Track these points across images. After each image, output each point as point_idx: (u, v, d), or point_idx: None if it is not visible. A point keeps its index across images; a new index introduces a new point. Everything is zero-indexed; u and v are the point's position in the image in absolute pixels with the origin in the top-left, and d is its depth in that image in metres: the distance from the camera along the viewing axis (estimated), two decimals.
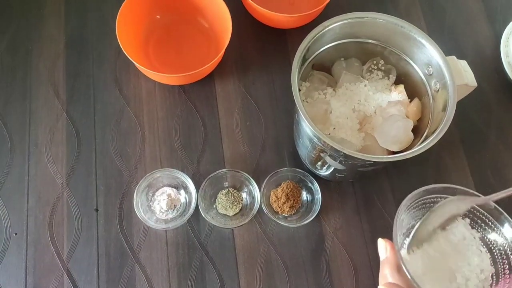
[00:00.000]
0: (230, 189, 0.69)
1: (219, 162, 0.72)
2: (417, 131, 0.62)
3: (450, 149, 0.74)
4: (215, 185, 0.69)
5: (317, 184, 0.67)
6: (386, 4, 0.83)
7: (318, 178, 0.68)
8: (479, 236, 0.57)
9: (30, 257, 0.66)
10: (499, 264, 0.56)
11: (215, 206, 0.69)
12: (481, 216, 0.56)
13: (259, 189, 0.67)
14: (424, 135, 0.59)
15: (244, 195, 0.69)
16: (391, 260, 0.51)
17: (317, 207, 0.67)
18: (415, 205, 0.56)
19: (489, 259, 0.56)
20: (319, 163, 0.63)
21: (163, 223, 0.67)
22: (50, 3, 0.80)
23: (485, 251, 0.57)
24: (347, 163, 0.57)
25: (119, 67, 0.77)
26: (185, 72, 0.68)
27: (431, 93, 0.61)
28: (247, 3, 0.75)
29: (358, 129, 0.62)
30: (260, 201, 0.66)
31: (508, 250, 0.55)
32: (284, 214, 0.68)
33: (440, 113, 0.57)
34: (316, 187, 0.67)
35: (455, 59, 0.59)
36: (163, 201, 0.68)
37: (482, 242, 0.57)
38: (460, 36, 0.82)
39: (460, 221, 0.57)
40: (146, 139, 0.73)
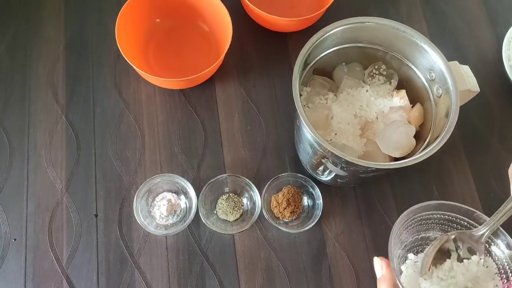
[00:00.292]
0: (230, 194, 0.69)
1: (219, 167, 0.71)
2: (419, 136, 0.61)
3: (452, 153, 0.74)
4: (215, 190, 0.68)
5: (318, 189, 0.67)
6: (387, 7, 0.83)
7: (319, 183, 0.68)
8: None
9: (29, 263, 0.65)
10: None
11: (215, 212, 0.68)
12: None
13: (260, 194, 0.66)
14: (426, 141, 0.58)
15: (244, 200, 0.69)
16: (387, 278, 0.51)
17: (318, 212, 0.66)
18: (410, 222, 0.55)
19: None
20: (320, 168, 0.63)
21: (163, 228, 0.66)
22: (50, 5, 0.80)
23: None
24: (349, 169, 0.57)
25: (118, 71, 0.76)
26: (185, 76, 0.68)
27: (433, 99, 0.60)
28: (247, 6, 0.74)
29: (359, 135, 0.62)
30: (261, 207, 0.66)
31: (506, 265, 0.54)
32: (285, 220, 0.68)
33: (443, 119, 0.56)
34: (317, 192, 0.67)
35: (457, 64, 0.58)
36: (163, 207, 0.67)
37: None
38: (461, 39, 0.81)
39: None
40: (146, 143, 0.72)
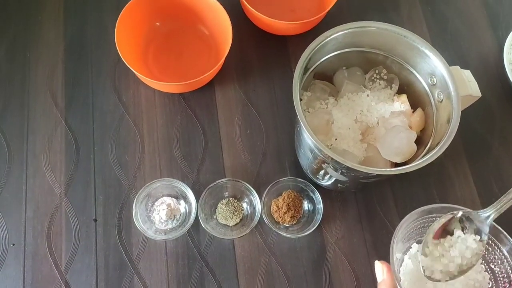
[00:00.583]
0: (230, 199, 0.69)
1: (219, 171, 0.71)
2: (420, 141, 0.61)
3: (453, 157, 0.73)
4: (215, 195, 0.68)
5: (318, 194, 0.67)
6: (388, 11, 0.82)
7: (320, 188, 0.67)
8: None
9: (28, 268, 0.65)
10: (499, 282, 0.55)
11: (215, 216, 0.68)
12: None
13: (260, 199, 0.66)
14: (427, 146, 0.58)
15: (244, 205, 0.69)
16: (388, 282, 0.51)
17: (319, 217, 0.66)
18: (413, 225, 0.55)
19: (489, 278, 0.56)
20: (321, 173, 0.62)
21: (163, 233, 0.66)
22: (49, 8, 0.80)
23: (485, 270, 0.56)
24: (349, 174, 0.56)
25: (118, 74, 0.76)
26: (185, 80, 0.67)
27: (434, 103, 0.60)
28: (247, 10, 0.74)
29: (360, 140, 0.62)
30: (261, 211, 0.65)
31: (509, 269, 0.54)
32: (285, 224, 0.67)
33: (444, 124, 0.56)
34: (317, 196, 0.67)
35: (459, 69, 0.58)
36: (162, 211, 0.67)
37: (483, 259, 0.57)
38: (462, 42, 0.81)
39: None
40: (146, 147, 0.72)
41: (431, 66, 0.58)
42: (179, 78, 0.73)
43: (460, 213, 0.52)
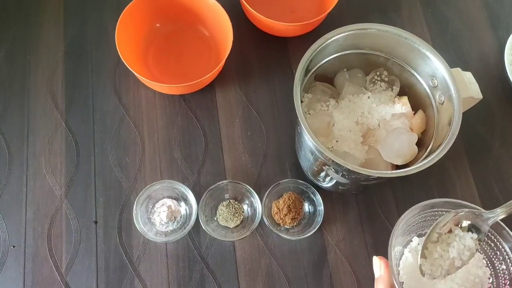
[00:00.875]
0: (231, 200, 0.68)
1: (219, 173, 0.71)
2: (421, 143, 0.61)
3: (454, 159, 0.73)
4: (216, 197, 0.68)
5: (319, 196, 0.67)
6: (388, 12, 0.82)
7: (321, 190, 0.67)
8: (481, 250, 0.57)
9: (28, 270, 0.65)
10: (500, 278, 0.56)
11: (216, 218, 0.68)
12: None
13: (261, 200, 0.66)
14: (428, 149, 0.58)
15: (245, 207, 0.68)
16: (385, 278, 0.51)
17: (320, 219, 0.66)
18: (412, 220, 0.56)
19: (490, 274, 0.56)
20: (322, 175, 0.62)
21: (163, 235, 0.66)
22: (49, 10, 0.79)
23: (486, 265, 0.57)
24: (350, 177, 0.56)
25: (118, 76, 0.76)
26: (186, 82, 0.67)
27: (435, 105, 0.60)
28: (248, 11, 0.74)
29: (361, 142, 0.61)
30: (262, 213, 0.65)
31: (511, 266, 0.54)
32: (286, 226, 0.67)
33: (445, 127, 0.56)
34: (318, 198, 0.67)
35: (460, 71, 0.58)
36: (163, 213, 0.67)
37: (485, 255, 0.57)
38: (463, 43, 0.81)
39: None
40: (146, 149, 0.72)
41: (432, 68, 0.58)
42: (179, 79, 0.73)
43: (463, 212, 0.53)
